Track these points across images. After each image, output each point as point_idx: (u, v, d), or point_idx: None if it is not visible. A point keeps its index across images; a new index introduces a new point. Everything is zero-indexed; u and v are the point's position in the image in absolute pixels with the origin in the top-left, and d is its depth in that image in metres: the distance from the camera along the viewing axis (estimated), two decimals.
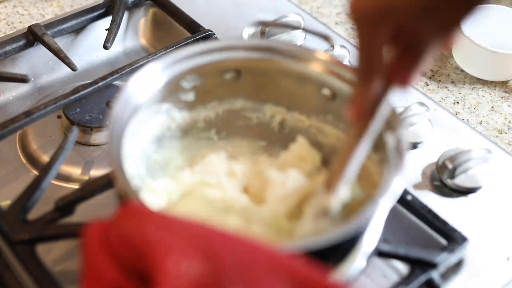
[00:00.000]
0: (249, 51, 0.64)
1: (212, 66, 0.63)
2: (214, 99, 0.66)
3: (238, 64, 0.64)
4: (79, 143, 0.75)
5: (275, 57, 0.63)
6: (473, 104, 0.85)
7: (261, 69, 0.64)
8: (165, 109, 0.63)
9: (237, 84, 0.65)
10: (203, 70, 0.63)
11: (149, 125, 0.62)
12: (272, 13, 0.89)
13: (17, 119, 0.72)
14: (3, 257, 0.60)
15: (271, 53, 0.63)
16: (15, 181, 0.72)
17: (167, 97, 0.63)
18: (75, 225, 0.61)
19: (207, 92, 0.65)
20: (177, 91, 0.63)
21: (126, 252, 0.44)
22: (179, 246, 0.42)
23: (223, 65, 0.64)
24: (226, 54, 0.63)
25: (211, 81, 0.64)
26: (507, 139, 0.80)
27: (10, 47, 0.81)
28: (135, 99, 0.59)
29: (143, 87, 0.60)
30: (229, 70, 0.64)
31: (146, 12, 0.92)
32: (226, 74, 0.64)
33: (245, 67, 0.64)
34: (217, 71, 0.64)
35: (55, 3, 0.95)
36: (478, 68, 0.88)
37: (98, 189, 0.65)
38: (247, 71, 0.64)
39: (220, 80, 0.64)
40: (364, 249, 0.57)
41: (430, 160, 0.73)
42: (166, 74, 0.61)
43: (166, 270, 0.41)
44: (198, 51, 0.62)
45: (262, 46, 0.64)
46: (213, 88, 0.65)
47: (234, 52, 0.63)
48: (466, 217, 0.68)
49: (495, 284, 0.63)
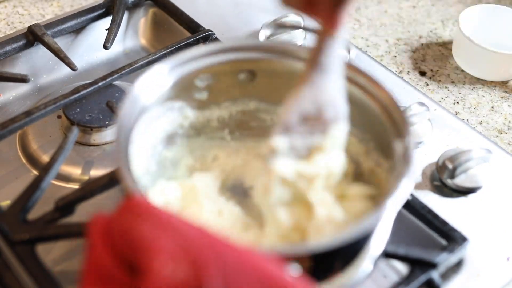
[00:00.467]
0: (264, 52, 0.64)
1: (226, 66, 0.63)
2: (227, 99, 0.66)
3: (253, 65, 0.64)
4: (79, 143, 0.75)
5: (289, 59, 0.63)
6: (473, 104, 0.85)
7: (275, 71, 0.64)
8: (178, 106, 0.63)
9: (251, 85, 0.65)
10: (217, 70, 0.63)
11: (161, 122, 0.62)
12: (272, 13, 0.89)
13: (17, 119, 0.72)
14: (3, 257, 0.60)
15: (286, 55, 0.63)
16: (15, 181, 0.72)
17: (180, 95, 0.63)
18: (75, 225, 0.61)
19: (221, 91, 0.65)
20: (191, 90, 0.63)
21: (123, 245, 0.45)
22: (170, 248, 0.43)
23: (237, 65, 0.64)
24: (241, 54, 0.63)
25: (225, 81, 0.64)
26: (507, 139, 0.80)
27: (10, 47, 0.81)
28: (145, 96, 0.59)
29: (156, 84, 0.60)
30: (243, 70, 0.64)
31: (146, 12, 0.92)
32: (240, 74, 0.64)
33: (259, 68, 0.64)
34: (231, 71, 0.64)
35: (55, 3, 0.95)
36: (478, 68, 0.88)
37: (98, 189, 0.65)
38: (261, 73, 0.64)
39: (234, 80, 0.64)
40: (371, 252, 0.57)
41: (430, 160, 0.73)
42: (180, 72, 0.61)
43: (153, 269, 0.42)
44: (213, 50, 0.62)
45: (277, 48, 0.64)
46: (227, 88, 0.65)
47: (249, 53, 0.63)
48: (466, 217, 0.68)
49: (495, 284, 0.63)
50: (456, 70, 0.90)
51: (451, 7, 1.02)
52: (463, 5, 1.02)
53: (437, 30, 0.97)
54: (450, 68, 0.90)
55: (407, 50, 0.93)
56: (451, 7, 1.02)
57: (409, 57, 0.91)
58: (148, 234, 0.44)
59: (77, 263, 0.63)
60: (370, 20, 0.98)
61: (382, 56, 0.91)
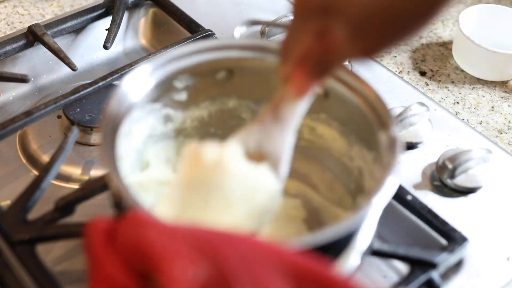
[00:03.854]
0: (241, 51, 0.63)
1: (204, 66, 0.63)
2: (206, 98, 0.66)
3: (231, 64, 0.64)
4: (79, 143, 0.75)
5: (267, 56, 0.63)
6: (473, 104, 0.85)
7: (253, 69, 0.64)
8: (158, 108, 0.63)
9: (230, 84, 0.65)
10: (196, 70, 0.63)
11: (142, 124, 0.62)
12: (272, 13, 0.89)
13: (17, 119, 0.72)
14: (3, 257, 0.60)
15: (263, 52, 0.63)
16: (15, 181, 0.72)
17: (160, 97, 0.63)
18: (75, 225, 0.61)
19: (199, 91, 0.65)
20: (170, 91, 0.63)
21: (132, 257, 0.43)
22: (185, 252, 0.42)
23: (215, 64, 0.63)
24: (218, 53, 0.63)
25: (203, 80, 0.64)
26: (507, 139, 0.80)
27: (10, 47, 0.81)
28: (129, 98, 0.59)
29: (136, 87, 0.60)
30: (221, 69, 0.64)
31: (146, 12, 0.92)
32: (218, 73, 0.64)
33: (237, 66, 0.64)
34: (209, 70, 0.64)
35: (55, 3, 0.95)
36: (478, 68, 0.88)
37: (98, 189, 0.64)
38: (239, 71, 0.64)
39: (212, 79, 0.64)
40: (358, 247, 0.57)
41: (430, 160, 0.73)
42: (159, 74, 0.61)
43: (174, 277, 0.40)
44: (190, 51, 0.62)
45: (254, 45, 0.64)
46: (206, 88, 0.65)
47: (226, 52, 0.63)
48: (466, 217, 0.68)
49: (495, 284, 0.63)
50: (456, 70, 0.90)
51: (451, 7, 1.02)
52: (463, 5, 1.02)
53: (437, 30, 0.97)
54: (450, 68, 0.90)
55: (407, 50, 0.93)
56: (451, 7, 1.02)
57: (409, 57, 0.91)
58: (158, 242, 0.42)
59: (77, 263, 0.63)
60: None
61: (382, 56, 0.91)
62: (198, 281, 0.40)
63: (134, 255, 0.43)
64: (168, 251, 0.42)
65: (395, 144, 0.55)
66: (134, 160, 0.61)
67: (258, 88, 0.65)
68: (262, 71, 0.64)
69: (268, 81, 0.64)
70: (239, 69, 0.64)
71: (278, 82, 0.60)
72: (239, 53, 0.63)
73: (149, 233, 0.43)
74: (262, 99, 0.66)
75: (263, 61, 0.63)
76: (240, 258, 0.42)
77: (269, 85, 0.64)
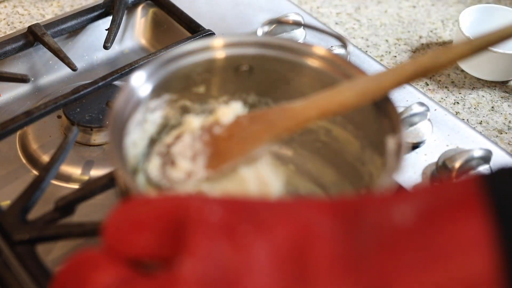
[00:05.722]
0: (260, 48, 0.63)
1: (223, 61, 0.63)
2: (226, 93, 0.66)
3: (250, 61, 0.64)
4: (79, 143, 0.75)
5: (286, 55, 0.63)
6: (473, 104, 0.85)
7: (272, 67, 0.64)
8: (175, 99, 0.63)
9: (249, 80, 0.65)
10: (216, 64, 0.63)
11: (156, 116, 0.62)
12: (272, 13, 0.89)
13: (17, 119, 0.72)
14: (3, 257, 0.60)
15: (283, 51, 0.63)
16: (15, 181, 0.72)
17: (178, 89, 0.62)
18: (75, 225, 0.61)
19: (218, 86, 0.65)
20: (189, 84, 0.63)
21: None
22: (199, 200, 0.40)
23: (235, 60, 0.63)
24: (238, 50, 0.63)
25: (222, 75, 0.64)
26: (507, 139, 0.80)
27: (10, 47, 0.81)
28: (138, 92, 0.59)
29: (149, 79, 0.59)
30: (240, 65, 0.64)
31: (146, 12, 0.92)
32: (237, 69, 0.64)
33: (256, 63, 0.64)
34: (229, 66, 0.64)
35: (55, 3, 0.95)
36: (478, 68, 0.88)
37: (98, 189, 0.64)
38: (258, 68, 0.64)
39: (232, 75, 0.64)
40: None
41: (430, 160, 0.73)
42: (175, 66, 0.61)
43: (197, 252, 0.37)
44: (211, 45, 0.62)
45: (274, 44, 0.64)
46: (225, 83, 0.65)
47: (245, 48, 0.63)
48: None
49: None
50: (456, 70, 0.90)
51: (451, 7, 1.02)
52: (463, 5, 1.02)
53: (437, 30, 0.97)
54: (450, 68, 0.90)
55: (407, 50, 0.93)
56: (451, 7, 1.02)
57: (409, 57, 0.91)
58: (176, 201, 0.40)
59: None
60: (370, 20, 0.98)
61: (382, 56, 0.91)
62: (214, 218, 0.38)
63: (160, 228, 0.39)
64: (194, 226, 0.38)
65: (400, 149, 0.55)
66: (145, 149, 0.61)
67: (277, 87, 0.65)
68: (282, 69, 0.64)
69: (286, 80, 0.64)
70: (258, 66, 0.64)
71: (300, 85, 0.61)
72: (257, 50, 0.64)
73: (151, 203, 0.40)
74: (280, 98, 0.66)
75: (282, 59, 0.63)
76: (248, 206, 0.40)
77: (287, 84, 0.64)
